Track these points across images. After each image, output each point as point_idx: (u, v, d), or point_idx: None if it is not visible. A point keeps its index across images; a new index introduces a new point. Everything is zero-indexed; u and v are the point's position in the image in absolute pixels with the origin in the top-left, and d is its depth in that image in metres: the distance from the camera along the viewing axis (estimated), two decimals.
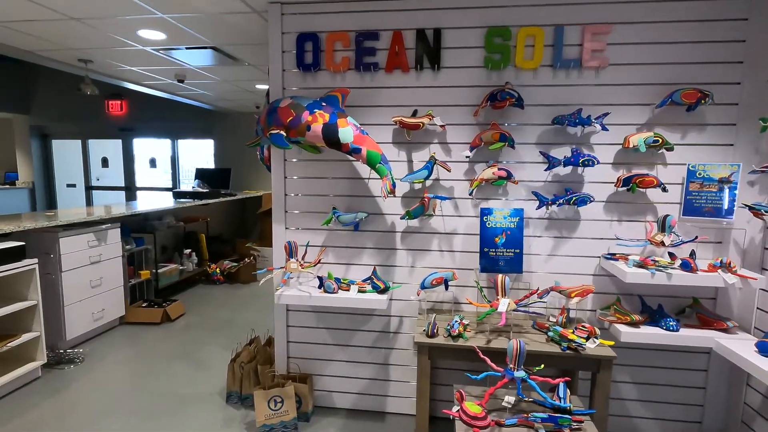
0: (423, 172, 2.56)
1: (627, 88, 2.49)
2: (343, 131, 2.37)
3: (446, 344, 2.27)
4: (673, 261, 2.33)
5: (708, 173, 2.39)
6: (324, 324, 2.91)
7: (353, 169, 2.76)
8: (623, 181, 2.45)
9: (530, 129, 2.59)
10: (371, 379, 2.92)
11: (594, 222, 2.60)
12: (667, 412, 2.69)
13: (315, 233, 2.84)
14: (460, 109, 2.62)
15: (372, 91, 2.68)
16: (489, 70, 2.57)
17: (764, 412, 2.35)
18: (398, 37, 2.59)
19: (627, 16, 2.44)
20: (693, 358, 2.62)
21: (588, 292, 2.40)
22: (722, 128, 2.44)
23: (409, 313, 2.83)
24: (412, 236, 2.77)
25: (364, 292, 2.58)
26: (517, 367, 2.03)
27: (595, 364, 2.20)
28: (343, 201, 2.79)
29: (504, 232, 2.56)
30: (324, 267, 2.85)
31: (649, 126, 2.49)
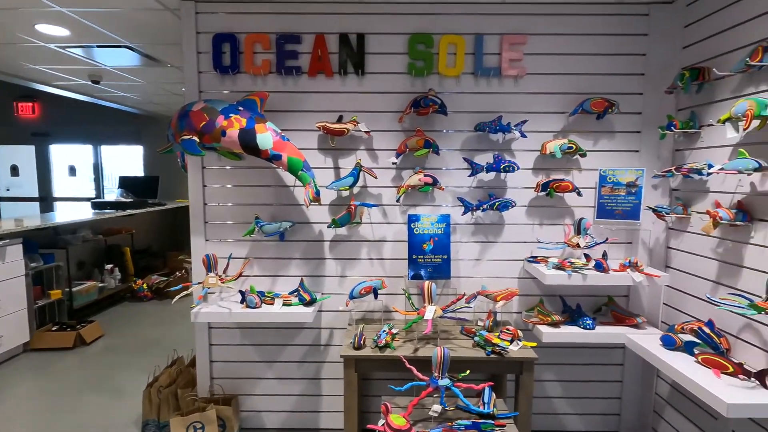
0: (349, 179, 2.50)
1: (543, 97, 2.58)
2: (261, 137, 2.25)
3: (373, 356, 2.21)
4: (588, 262, 2.43)
5: (617, 178, 2.53)
6: (250, 340, 2.75)
7: (277, 176, 2.65)
8: (542, 186, 2.54)
9: (454, 135, 2.61)
10: (302, 395, 2.80)
11: (517, 226, 2.67)
12: (589, 406, 2.80)
13: (238, 245, 2.68)
14: (386, 115, 2.60)
15: (295, 95, 2.58)
16: (413, 77, 2.57)
17: (672, 401, 2.51)
18: (321, 41, 2.52)
19: (541, 28, 2.53)
20: (610, 353, 2.76)
21: (513, 295, 2.44)
22: (628, 135, 2.60)
23: (340, 324, 2.74)
24: (341, 245, 2.69)
25: (290, 305, 2.46)
26: (441, 375, 2.01)
27: (518, 366, 2.23)
28: (267, 210, 2.66)
29: (432, 238, 2.55)
30: (249, 280, 2.70)
31: (564, 133, 2.60)
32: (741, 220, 1.96)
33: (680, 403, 2.43)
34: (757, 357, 1.92)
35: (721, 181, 2.14)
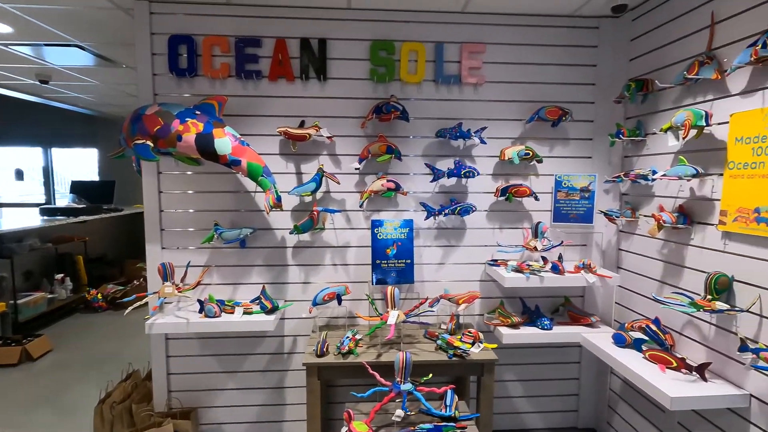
0: (311, 185, 2.48)
1: (502, 105, 2.66)
2: (219, 142, 2.20)
3: (336, 363, 2.20)
4: (545, 264, 2.51)
5: (571, 183, 2.64)
6: (210, 351, 2.67)
7: (237, 182, 2.59)
8: (501, 191, 2.61)
9: (416, 141, 2.65)
10: (265, 405, 2.74)
11: (478, 230, 2.73)
12: (548, 404, 2.89)
13: (197, 252, 2.60)
14: (348, 121, 2.60)
15: (255, 99, 2.54)
16: (375, 83, 2.58)
17: (625, 396, 2.63)
18: (282, 46, 2.50)
19: (499, 38, 2.61)
20: (568, 352, 2.86)
21: (474, 298, 2.49)
22: (582, 142, 2.72)
23: (304, 331, 2.71)
24: (304, 251, 2.66)
25: (251, 314, 2.41)
26: (404, 380, 2.02)
27: (479, 368, 2.28)
28: (227, 216, 2.59)
29: (395, 243, 2.57)
30: (208, 289, 2.62)
31: (522, 140, 2.69)
32: (682, 223, 2.08)
33: (632, 397, 2.55)
34: (698, 352, 2.05)
35: (665, 187, 2.27)
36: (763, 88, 1.73)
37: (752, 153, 1.76)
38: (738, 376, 1.84)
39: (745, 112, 1.79)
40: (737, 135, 1.83)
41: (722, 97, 1.92)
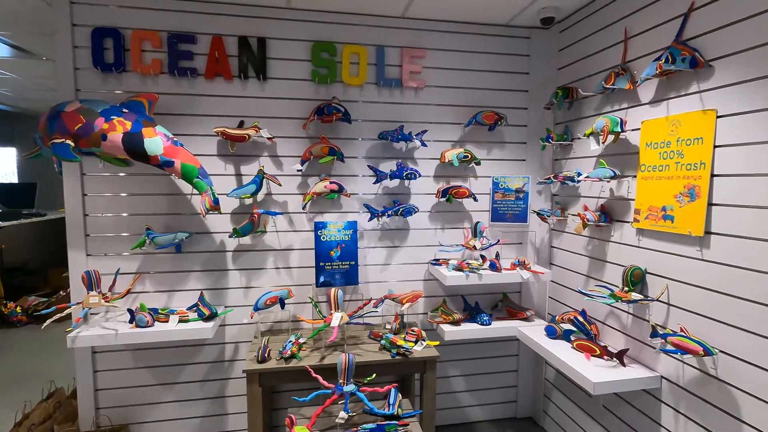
0: (251, 187, 2.42)
1: (442, 108, 2.74)
2: (150, 142, 2.09)
3: (278, 368, 2.15)
4: (484, 263, 2.62)
5: (507, 184, 2.77)
6: (143, 363, 2.52)
7: (172, 184, 2.47)
8: (442, 193, 2.68)
9: (359, 143, 2.66)
10: (205, 417, 2.63)
11: (421, 231, 2.79)
12: (489, 396, 3.01)
13: (127, 259, 2.45)
14: (290, 122, 2.56)
15: (190, 98, 2.44)
16: (317, 84, 2.57)
17: (558, 385, 2.79)
18: (219, 43, 2.42)
19: (439, 44, 2.69)
20: (507, 345, 3.00)
21: (418, 297, 2.54)
22: (516, 146, 2.86)
23: (246, 337, 2.63)
24: (245, 255, 2.59)
25: (187, 322, 2.30)
26: (347, 382, 2.03)
27: (422, 365, 2.33)
28: (160, 220, 2.47)
29: (339, 245, 2.56)
30: (141, 297, 2.48)
31: (461, 143, 2.79)
32: (603, 221, 2.26)
33: (564, 386, 2.72)
34: (619, 339, 2.22)
35: (589, 187, 2.45)
36: (667, 99, 1.92)
37: (659, 157, 1.94)
38: (651, 360, 2.02)
39: (653, 120, 1.98)
40: (647, 140, 2.01)
41: (635, 105, 2.11)
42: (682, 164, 1.82)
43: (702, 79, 1.75)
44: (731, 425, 1.64)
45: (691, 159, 1.78)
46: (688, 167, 1.80)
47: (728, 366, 1.64)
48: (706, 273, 1.73)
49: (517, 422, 3.01)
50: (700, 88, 1.76)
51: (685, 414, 1.84)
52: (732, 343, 1.63)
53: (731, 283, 1.63)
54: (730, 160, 1.63)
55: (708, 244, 1.73)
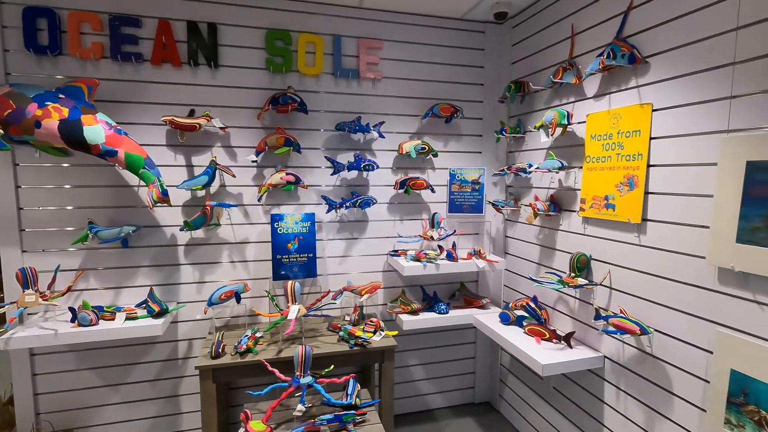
0: (203, 178, 2.34)
1: (399, 100, 2.75)
2: (90, 130, 1.97)
3: (232, 363, 2.11)
4: (441, 253, 2.67)
5: (464, 176, 2.82)
6: (89, 364, 2.40)
7: (117, 175, 2.35)
8: (400, 184, 2.70)
9: (316, 134, 2.63)
10: (158, 417, 2.53)
11: (380, 222, 2.80)
12: (448, 384, 3.08)
13: (68, 255, 2.31)
14: (244, 112, 2.49)
15: (135, 85, 2.32)
16: (272, 73, 2.51)
17: (513, 369, 2.90)
18: (166, 27, 2.31)
19: (396, 35, 2.69)
20: (464, 333, 3.07)
21: (376, 288, 2.55)
22: (472, 138, 2.92)
23: (200, 334, 2.55)
24: (199, 249, 2.51)
25: (135, 319, 2.21)
26: (303, 374, 2.01)
27: (380, 355, 2.34)
28: (105, 213, 2.34)
29: (296, 237, 2.53)
30: (84, 295, 2.34)
31: (419, 135, 2.81)
32: (553, 211, 2.35)
33: (518, 370, 2.82)
34: (567, 323, 2.33)
35: (540, 179, 2.54)
36: (609, 93, 2.02)
37: (602, 149, 2.04)
38: (595, 341, 2.13)
39: (597, 113, 2.07)
40: (592, 133, 2.10)
41: (581, 99, 2.20)
42: (623, 155, 1.92)
43: (640, 75, 1.84)
44: (664, 398, 1.76)
45: (630, 150, 1.88)
46: (628, 158, 1.90)
47: (662, 344, 1.76)
48: (643, 258, 1.84)
49: (474, 407, 3.10)
50: (638, 83, 1.86)
51: (625, 390, 1.96)
52: (665, 323, 1.75)
53: (665, 267, 1.75)
54: (664, 151, 1.74)
55: (645, 230, 1.84)
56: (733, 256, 1.45)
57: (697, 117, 1.60)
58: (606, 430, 2.07)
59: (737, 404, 1.46)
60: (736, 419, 1.46)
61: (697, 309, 1.61)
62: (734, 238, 1.44)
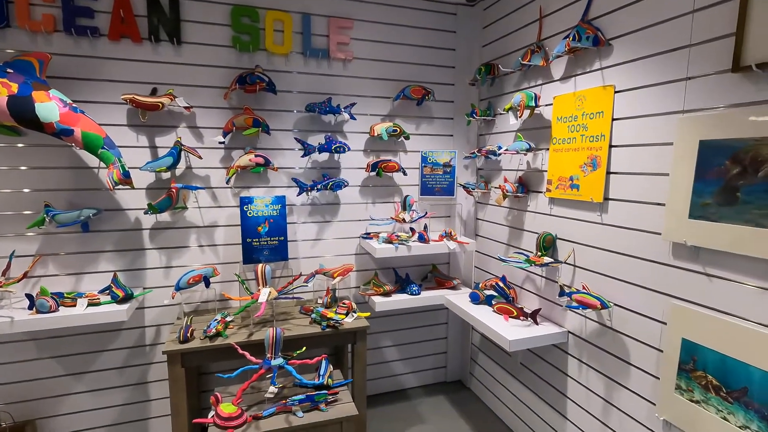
0: (167, 159, 2.26)
1: (370, 82, 2.72)
2: (42, 107, 1.87)
3: (201, 347, 2.08)
4: (413, 235, 2.69)
5: (435, 159, 2.83)
6: (50, 353, 2.31)
7: (75, 156, 2.24)
8: (372, 166, 2.69)
9: (286, 116, 2.58)
10: (125, 405, 2.48)
11: (352, 205, 2.79)
12: (421, 364, 3.14)
13: (23, 240, 2.21)
14: (210, 91, 2.41)
15: (92, 61, 2.21)
16: (239, 51, 2.43)
17: (483, 348, 2.98)
18: (123, 0, 2.19)
19: (367, 15, 2.65)
20: (437, 314, 3.13)
21: (349, 271, 2.56)
22: (444, 121, 2.94)
23: (169, 319, 2.50)
24: (165, 233, 2.44)
25: (98, 305, 2.14)
26: (274, 355, 2.00)
27: (352, 336, 2.36)
28: (63, 196, 2.24)
29: (267, 220, 2.49)
30: (42, 282, 2.25)
31: (391, 117, 2.80)
32: (521, 192, 2.40)
33: (488, 348, 2.90)
34: (534, 301, 2.40)
35: (509, 161, 2.58)
36: (575, 75, 2.06)
37: (568, 130, 2.09)
38: (560, 318, 2.21)
39: (563, 95, 2.11)
40: (558, 115, 2.15)
41: (548, 82, 2.23)
42: (587, 136, 1.98)
43: (603, 57, 1.89)
44: (622, 368, 1.85)
45: (594, 131, 1.94)
46: (591, 139, 1.95)
47: (621, 317, 1.84)
48: (605, 235, 1.91)
49: (446, 386, 3.18)
50: (601, 65, 1.90)
51: (587, 363, 2.05)
52: (624, 297, 1.82)
53: (624, 244, 1.82)
54: (625, 131, 1.79)
55: (606, 209, 1.90)
56: (685, 231, 1.52)
57: (655, 98, 1.66)
58: (569, 401, 2.16)
59: (687, 371, 1.55)
60: (686, 384, 1.55)
61: (653, 283, 1.69)
62: (687, 214, 1.52)
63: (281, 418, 1.89)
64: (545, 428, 2.35)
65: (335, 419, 1.91)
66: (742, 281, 1.39)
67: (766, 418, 1.32)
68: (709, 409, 1.48)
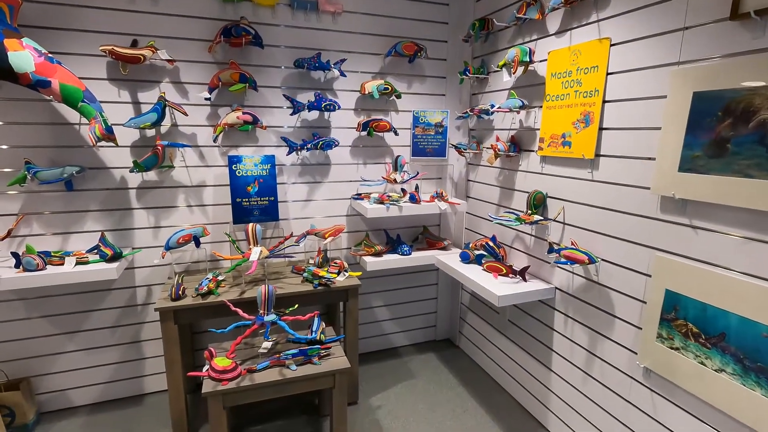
0: (151, 115, 2.19)
1: (361, 37, 2.63)
2: (15, 56, 1.77)
3: (194, 304, 2.09)
4: (404, 196, 2.68)
5: (427, 119, 2.79)
6: (40, 312, 2.31)
7: (54, 111, 2.15)
8: (363, 126, 2.65)
9: (274, 72, 2.50)
10: (119, 363, 2.51)
11: (343, 166, 2.76)
12: (412, 323, 3.21)
13: (7, 198, 2.15)
14: (193, 44, 2.31)
15: (67, 9, 2.09)
16: (222, 2, 2.32)
17: (472, 307, 3.04)
18: None
19: None
20: (427, 275, 3.17)
21: (340, 231, 2.56)
22: (436, 80, 2.87)
23: (159, 279, 2.50)
24: (152, 192, 2.39)
25: (87, 263, 2.12)
26: (267, 312, 2.02)
27: (344, 294, 2.39)
28: (44, 153, 2.17)
29: (256, 180, 2.46)
30: (27, 241, 2.21)
31: (382, 75, 2.73)
32: (513, 151, 2.39)
33: (477, 307, 2.97)
34: (523, 259, 2.44)
35: (501, 120, 2.55)
36: (570, 29, 2.01)
37: (562, 86, 2.06)
38: (548, 275, 2.25)
39: (558, 50, 2.07)
40: (552, 71, 2.11)
41: (543, 36, 2.18)
42: (580, 92, 1.95)
43: (600, 8, 1.84)
44: (607, 321, 1.91)
45: (588, 87, 1.91)
46: (585, 95, 1.93)
47: (607, 272, 1.88)
48: (595, 192, 1.92)
49: (436, 344, 3.27)
50: (598, 17, 1.85)
51: (572, 317, 2.11)
52: (611, 252, 1.86)
53: (613, 200, 1.83)
54: (619, 86, 1.77)
55: (597, 165, 1.90)
56: (674, 184, 1.54)
57: (651, 50, 1.63)
58: (554, 354, 2.24)
59: (668, 320, 1.60)
60: (667, 333, 1.61)
61: (640, 237, 1.72)
62: (677, 167, 1.52)
63: (275, 371, 1.93)
64: (531, 380, 2.44)
65: (328, 372, 1.96)
66: (726, 232, 1.42)
67: (741, 360, 1.38)
68: (687, 355, 1.54)
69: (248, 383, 1.84)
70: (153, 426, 2.32)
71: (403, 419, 2.42)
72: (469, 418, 2.43)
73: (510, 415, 2.47)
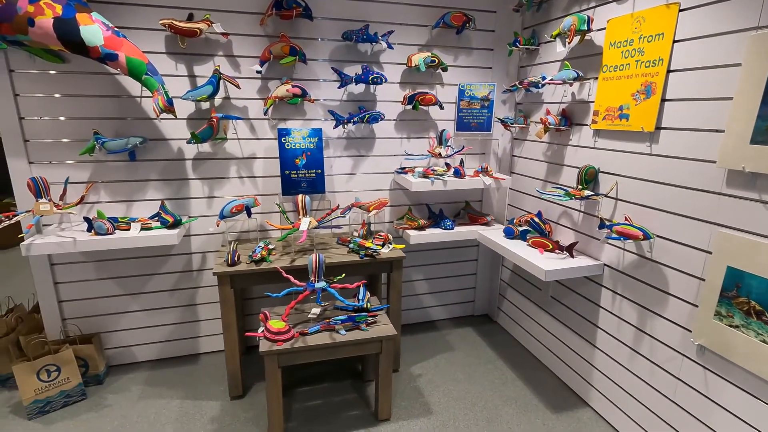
0: (207, 88, 2.26)
1: (408, 8, 2.60)
2: (87, 30, 1.87)
3: (249, 270, 2.19)
4: (448, 170, 2.68)
5: (473, 92, 2.75)
6: (108, 274, 2.49)
7: (118, 83, 2.26)
8: (408, 99, 2.64)
9: (322, 44, 2.51)
10: (177, 324, 2.68)
11: (387, 140, 2.78)
12: (450, 298, 3.25)
13: (76, 167, 2.30)
14: (245, 17, 2.35)
15: None
16: None
17: (512, 283, 3.04)
18: None
19: None
20: (467, 251, 3.18)
21: (384, 204, 2.59)
22: (483, 52, 2.81)
23: (213, 247, 2.63)
24: (206, 163, 2.50)
25: (150, 229, 2.25)
26: (318, 279, 2.11)
27: (388, 265, 2.44)
28: (109, 125, 2.29)
29: (304, 153, 2.52)
30: (97, 207, 2.37)
31: (428, 47, 2.70)
32: (563, 125, 2.33)
33: (517, 283, 2.97)
34: (570, 236, 2.41)
35: (552, 93, 2.48)
36: None
37: (621, 56, 1.97)
38: (596, 251, 2.22)
39: (619, 17, 1.98)
40: (611, 40, 2.03)
41: (602, 3, 2.09)
42: (642, 62, 1.87)
43: None
44: (659, 298, 1.87)
45: (651, 56, 1.83)
46: (647, 65, 1.85)
47: (662, 248, 1.84)
48: (653, 166, 1.86)
49: (473, 319, 3.30)
50: None
51: (621, 294, 2.08)
52: (668, 228, 1.81)
53: (673, 174, 1.77)
54: (686, 54, 1.69)
55: (657, 139, 1.84)
56: (745, 157, 1.47)
57: (726, 14, 1.54)
58: (600, 330, 2.23)
59: (729, 297, 1.56)
60: (726, 310, 1.57)
61: (700, 213, 1.67)
62: (749, 139, 1.46)
63: (326, 335, 2.02)
64: (573, 356, 2.45)
65: (375, 338, 2.04)
66: None
67: None
68: (748, 333, 1.51)
69: (301, 345, 1.94)
70: (209, 383, 2.49)
71: (444, 388, 2.49)
72: (509, 390, 2.47)
73: (550, 389, 2.49)
